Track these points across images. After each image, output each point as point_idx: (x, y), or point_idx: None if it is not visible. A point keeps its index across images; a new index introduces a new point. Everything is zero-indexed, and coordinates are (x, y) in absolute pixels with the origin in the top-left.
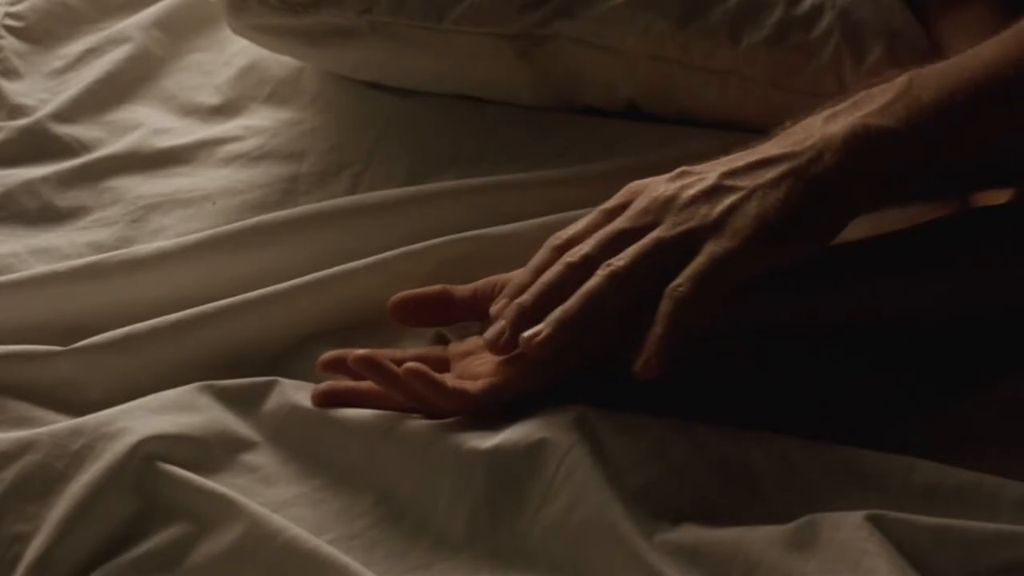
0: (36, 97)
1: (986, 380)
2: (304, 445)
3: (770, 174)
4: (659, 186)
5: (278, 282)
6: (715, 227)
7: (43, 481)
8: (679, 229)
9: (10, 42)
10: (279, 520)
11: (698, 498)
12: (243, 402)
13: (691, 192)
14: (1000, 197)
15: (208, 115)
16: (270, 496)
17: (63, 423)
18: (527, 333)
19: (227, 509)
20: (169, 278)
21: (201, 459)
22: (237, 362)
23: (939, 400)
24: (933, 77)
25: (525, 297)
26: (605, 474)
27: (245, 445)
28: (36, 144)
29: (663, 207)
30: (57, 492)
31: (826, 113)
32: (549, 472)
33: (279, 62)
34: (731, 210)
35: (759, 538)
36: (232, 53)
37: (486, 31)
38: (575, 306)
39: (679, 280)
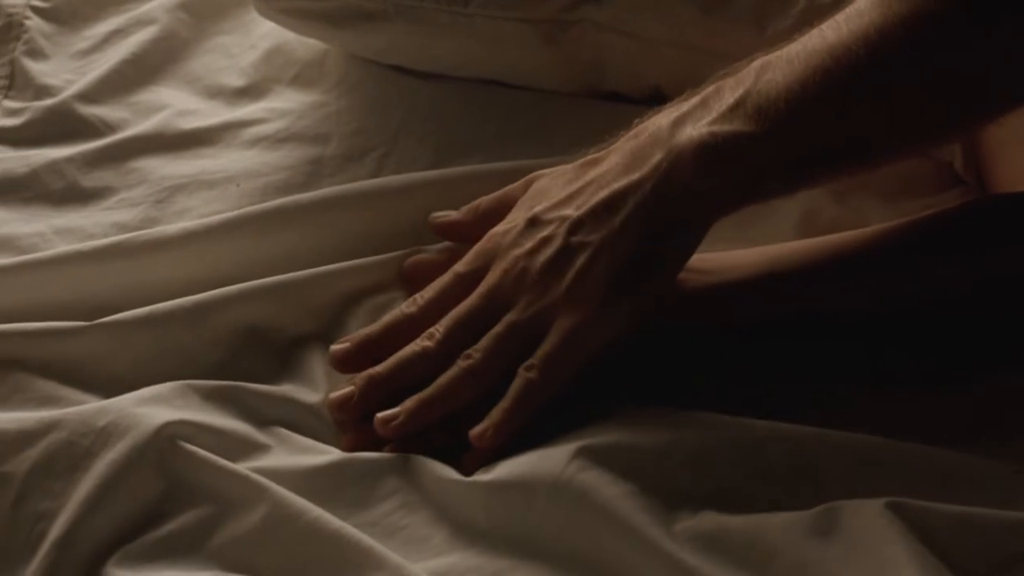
0: (62, 78)
1: (1005, 369)
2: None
3: (618, 218)
4: (511, 251)
5: (302, 264)
6: (565, 300)
7: (68, 459)
8: (531, 311)
9: (36, 23)
10: (302, 501)
11: (715, 488)
12: (255, 411)
13: (541, 261)
14: (1022, 184)
15: (233, 97)
16: (290, 482)
17: (89, 404)
18: (383, 415)
19: (250, 490)
20: (193, 259)
21: (222, 448)
22: (260, 342)
23: (955, 389)
24: (780, 67)
25: (379, 370)
26: (617, 467)
27: (261, 447)
28: (61, 124)
29: (516, 284)
30: (82, 470)
31: (675, 114)
32: (559, 467)
33: (304, 45)
34: (580, 276)
35: (779, 525)
36: (258, 36)
37: (512, 16)
38: (431, 398)
39: (531, 361)
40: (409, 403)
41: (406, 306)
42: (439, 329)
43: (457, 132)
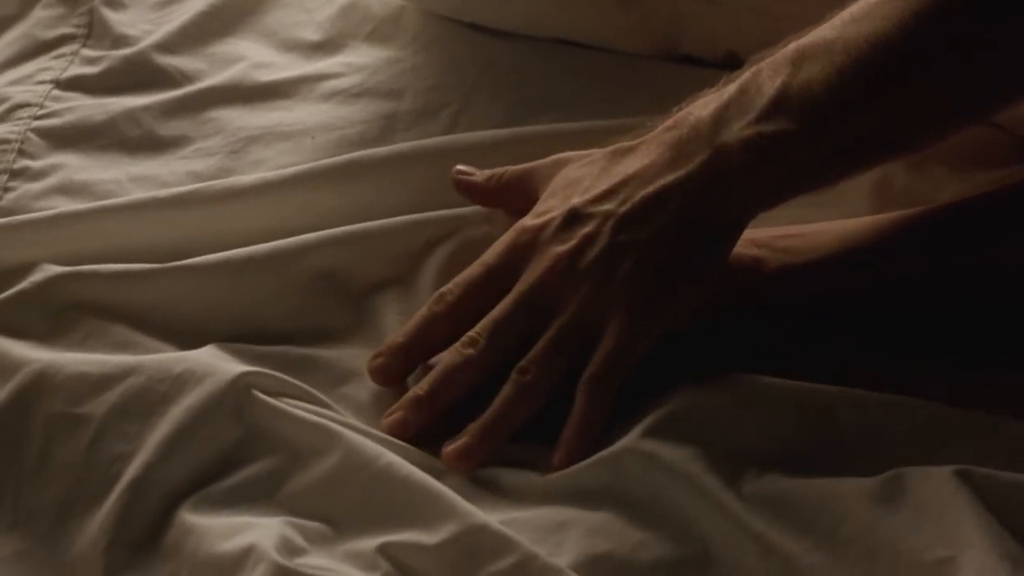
0: (140, 28)
1: None
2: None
3: (664, 216)
4: (551, 247)
5: (374, 217)
6: (616, 302)
7: (145, 403)
8: (581, 315)
9: None
10: (374, 447)
11: (784, 451)
12: (326, 376)
13: (587, 260)
14: None
15: (309, 51)
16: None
17: (167, 354)
18: (454, 452)
19: (324, 437)
20: (268, 209)
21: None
22: (335, 292)
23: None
24: (818, 57)
25: (425, 389)
26: (683, 433)
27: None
28: (139, 74)
29: (560, 284)
30: (158, 415)
31: (714, 105)
32: (625, 434)
33: (380, 1)
34: (629, 277)
35: (847, 490)
36: None
37: None
38: (496, 421)
39: (592, 370)
40: (476, 431)
41: (434, 303)
42: (481, 335)
43: (531, 91)
